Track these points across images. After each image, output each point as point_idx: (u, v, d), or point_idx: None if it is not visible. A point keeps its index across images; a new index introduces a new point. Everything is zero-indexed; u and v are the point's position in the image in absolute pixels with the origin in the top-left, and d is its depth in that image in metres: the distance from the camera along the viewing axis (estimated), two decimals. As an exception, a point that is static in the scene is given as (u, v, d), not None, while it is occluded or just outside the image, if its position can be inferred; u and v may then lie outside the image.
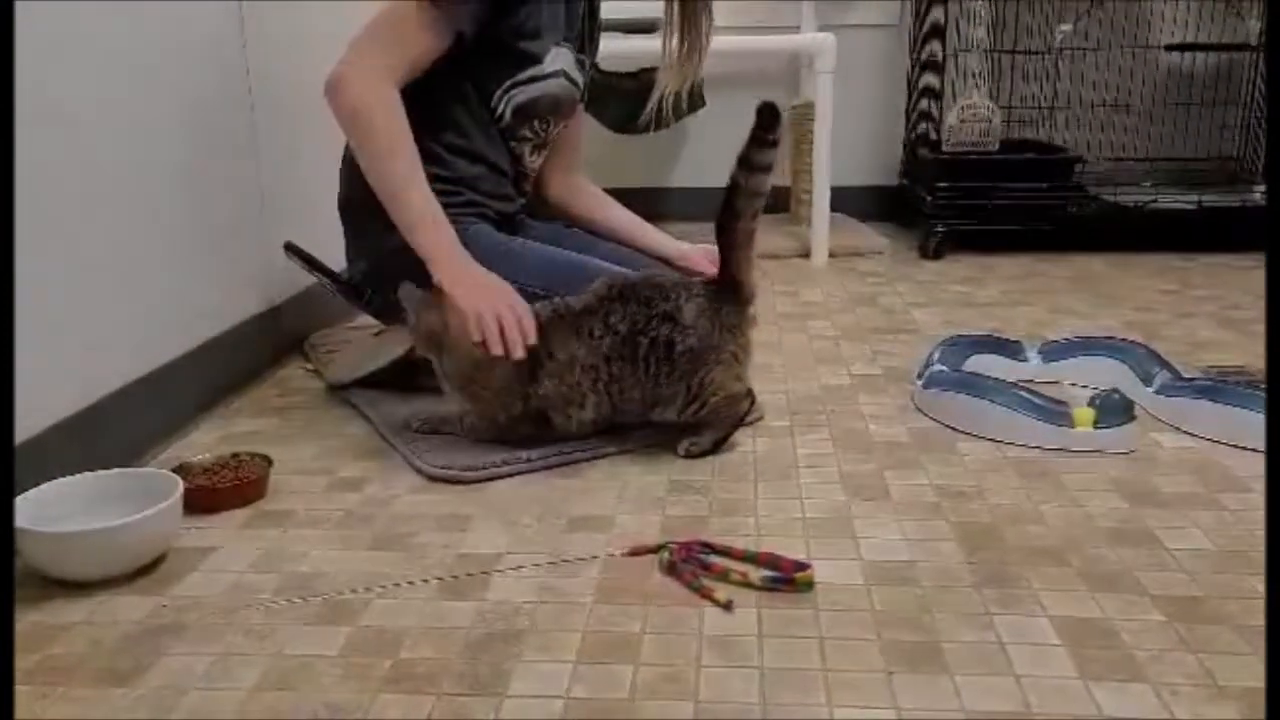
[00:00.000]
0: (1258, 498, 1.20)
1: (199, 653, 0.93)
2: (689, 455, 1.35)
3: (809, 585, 1.01)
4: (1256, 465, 1.29)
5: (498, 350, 1.26)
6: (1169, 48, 2.80)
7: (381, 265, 1.54)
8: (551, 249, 1.54)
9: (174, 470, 1.21)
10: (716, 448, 1.36)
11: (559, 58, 1.51)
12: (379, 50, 1.36)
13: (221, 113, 1.63)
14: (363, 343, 1.62)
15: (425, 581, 1.05)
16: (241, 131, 1.69)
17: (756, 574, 1.03)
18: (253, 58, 1.71)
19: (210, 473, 1.26)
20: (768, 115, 1.27)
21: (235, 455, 1.31)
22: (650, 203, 1.27)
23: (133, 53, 1.39)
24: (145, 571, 1.07)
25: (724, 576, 1.03)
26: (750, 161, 1.27)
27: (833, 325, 2.01)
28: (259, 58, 1.73)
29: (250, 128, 1.71)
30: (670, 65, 1.54)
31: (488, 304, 1.28)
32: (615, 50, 1.87)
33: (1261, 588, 1.00)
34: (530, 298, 1.35)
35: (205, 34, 1.59)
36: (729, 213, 1.30)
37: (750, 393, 1.38)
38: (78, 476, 1.14)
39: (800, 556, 1.06)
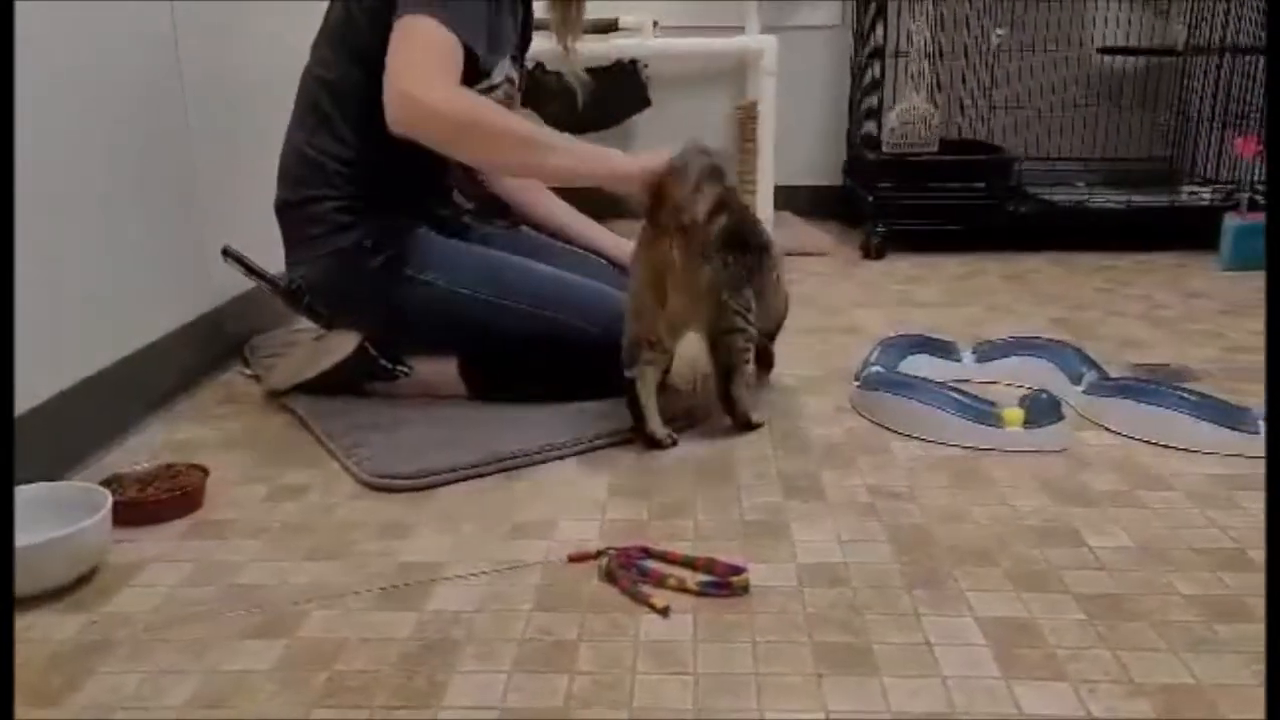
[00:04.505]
0: (1177, 495, 1.25)
1: (130, 670, 0.92)
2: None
3: (745, 589, 1.03)
4: (1176, 463, 1.34)
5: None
6: (1102, 51, 2.87)
7: (320, 269, 1.52)
8: (494, 253, 1.54)
9: (107, 481, 1.20)
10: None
11: (503, 67, 1.51)
12: (430, 64, 1.33)
13: (157, 114, 1.60)
14: (304, 347, 1.60)
15: (366, 592, 1.04)
16: (177, 133, 1.66)
17: (694, 579, 1.04)
18: (186, 56, 1.68)
19: (144, 484, 1.24)
20: None
21: (170, 465, 1.29)
22: (596, 200, 1.29)
23: (61, 51, 1.36)
24: (76, 587, 1.06)
25: (662, 582, 1.04)
26: None
27: (775, 325, 2.03)
28: (193, 56, 1.70)
29: (186, 129, 1.68)
30: (555, 30, 1.63)
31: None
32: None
33: (1179, 585, 1.04)
34: (473, 302, 1.33)
35: (136, 32, 1.55)
36: None
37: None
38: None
39: (738, 560, 1.08)
